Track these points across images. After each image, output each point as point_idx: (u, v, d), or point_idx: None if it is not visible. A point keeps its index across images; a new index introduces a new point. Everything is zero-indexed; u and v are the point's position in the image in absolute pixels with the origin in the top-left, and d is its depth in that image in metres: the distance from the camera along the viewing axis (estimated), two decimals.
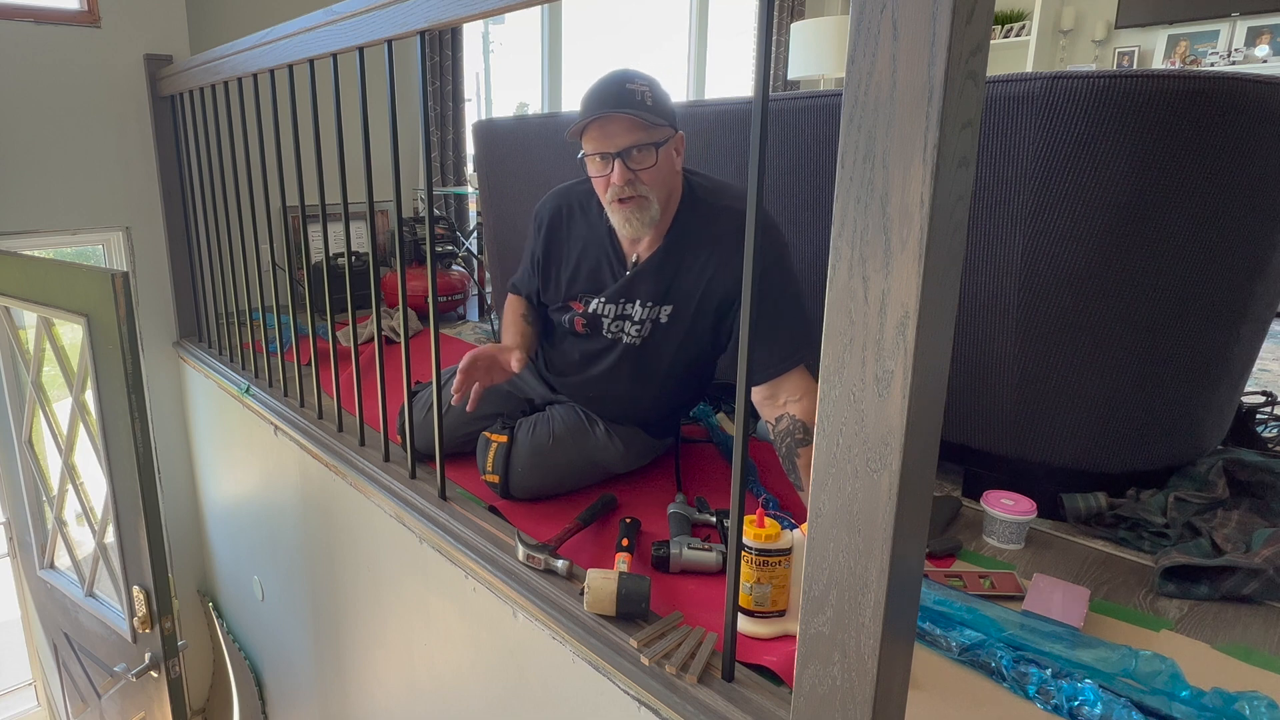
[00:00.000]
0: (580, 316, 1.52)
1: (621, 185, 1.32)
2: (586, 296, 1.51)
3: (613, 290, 1.47)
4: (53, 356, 2.00)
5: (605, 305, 1.49)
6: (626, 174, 1.32)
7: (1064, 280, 1.30)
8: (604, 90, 1.32)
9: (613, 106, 1.29)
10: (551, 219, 1.54)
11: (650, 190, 1.34)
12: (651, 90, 1.33)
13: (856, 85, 0.60)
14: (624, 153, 1.31)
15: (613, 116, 1.30)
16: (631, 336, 1.48)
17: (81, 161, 2.55)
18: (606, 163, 1.33)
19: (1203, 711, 0.92)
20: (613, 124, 1.31)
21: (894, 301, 0.61)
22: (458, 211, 3.95)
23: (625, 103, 1.29)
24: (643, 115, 1.29)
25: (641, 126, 1.30)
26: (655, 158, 1.33)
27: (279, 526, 2.30)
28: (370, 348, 2.43)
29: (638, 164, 1.32)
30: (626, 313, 1.47)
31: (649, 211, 1.36)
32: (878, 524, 0.65)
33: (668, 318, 1.45)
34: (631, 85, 1.31)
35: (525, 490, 1.50)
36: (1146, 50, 4.59)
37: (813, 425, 0.73)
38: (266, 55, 1.71)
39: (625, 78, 1.33)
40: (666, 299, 1.44)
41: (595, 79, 1.36)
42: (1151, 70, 1.18)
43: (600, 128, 1.32)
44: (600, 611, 1.12)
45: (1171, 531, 1.33)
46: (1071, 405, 1.37)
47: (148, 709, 2.05)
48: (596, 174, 1.36)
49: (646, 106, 1.30)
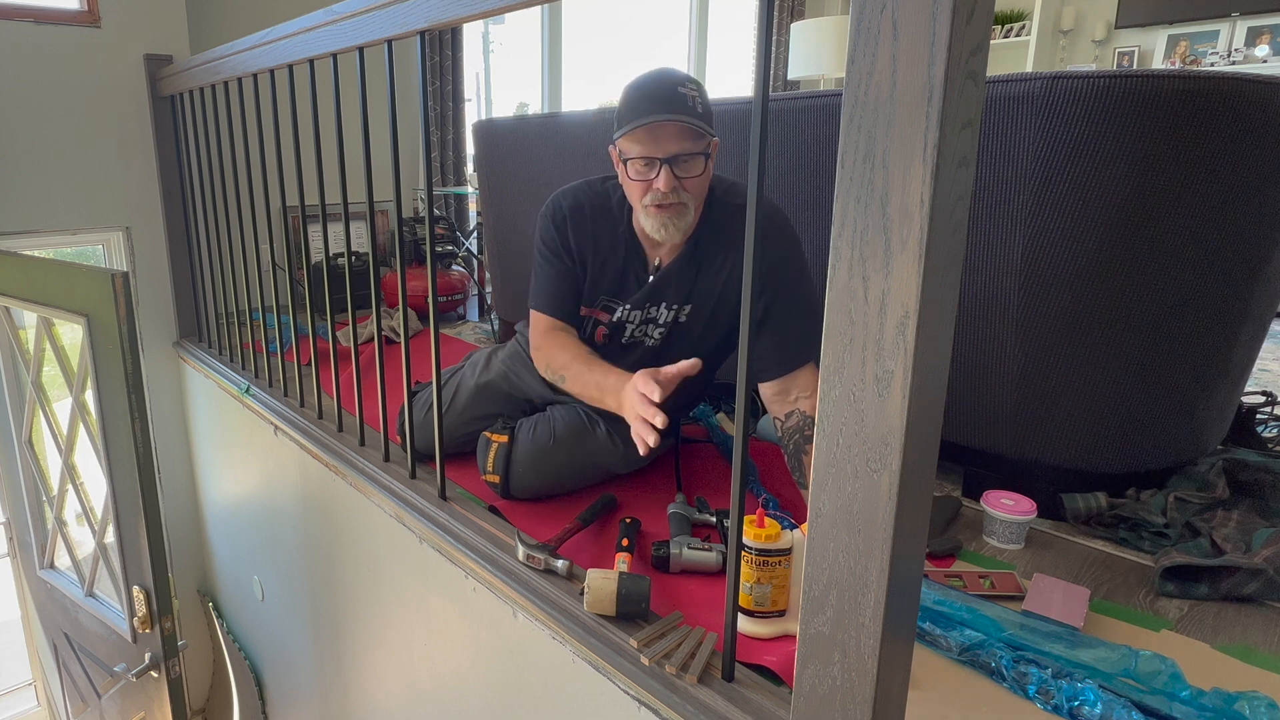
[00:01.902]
0: (604, 326, 1.48)
1: (667, 191, 1.28)
2: (608, 302, 1.47)
3: (638, 297, 1.44)
4: (53, 356, 2.00)
5: (631, 312, 1.46)
6: (672, 181, 1.28)
7: (1064, 280, 1.30)
8: (657, 91, 1.27)
9: (666, 110, 1.25)
10: (573, 214, 1.45)
11: (690, 198, 1.32)
12: (700, 95, 1.29)
13: (856, 85, 0.60)
14: (672, 159, 1.27)
15: (666, 121, 1.25)
16: (654, 340, 1.47)
17: (81, 161, 2.56)
18: (652, 167, 1.28)
19: (1203, 711, 0.92)
20: (664, 129, 1.26)
21: (894, 301, 0.61)
22: (458, 211, 3.95)
23: (679, 107, 1.25)
24: (696, 124, 1.26)
25: (691, 135, 1.27)
26: (703, 167, 1.30)
27: (279, 526, 2.30)
28: (370, 348, 2.43)
29: (685, 172, 1.29)
30: (651, 316, 1.45)
31: (686, 219, 1.33)
32: (878, 524, 0.65)
33: (687, 317, 1.44)
34: (684, 89, 1.27)
35: (525, 490, 1.50)
36: (1146, 50, 4.59)
37: None
38: (266, 55, 1.71)
39: (676, 79, 1.28)
40: (689, 299, 1.43)
41: (641, 77, 1.31)
42: (1151, 70, 1.18)
43: (650, 131, 1.27)
44: (600, 611, 1.12)
45: (1171, 531, 1.33)
46: (1071, 405, 1.37)
47: (148, 709, 2.05)
48: (638, 177, 1.31)
49: (698, 114, 1.27)
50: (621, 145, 1.32)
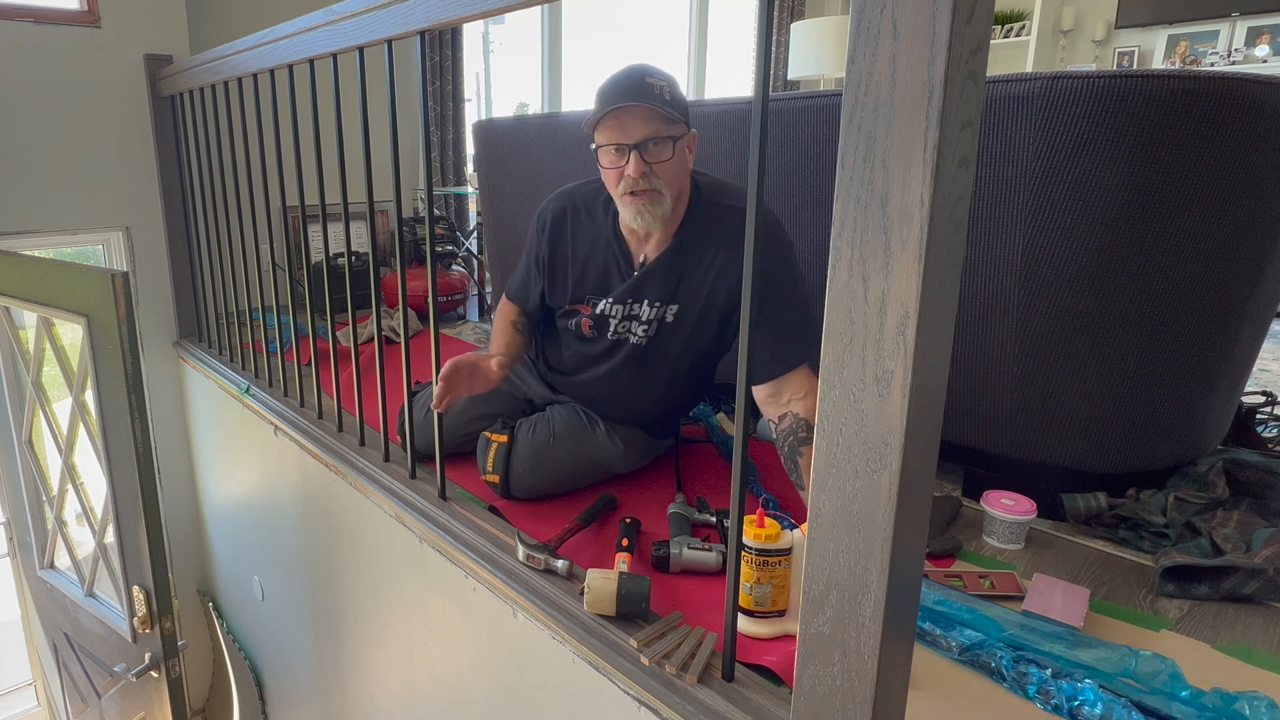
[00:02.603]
0: (587, 319, 1.51)
1: (637, 177, 1.30)
2: (593, 298, 1.49)
3: (621, 291, 1.46)
4: (53, 356, 2.00)
5: (613, 306, 1.47)
6: (642, 166, 1.30)
7: (1064, 280, 1.30)
8: (623, 82, 1.31)
9: (632, 98, 1.28)
10: (555, 220, 1.52)
11: (664, 185, 1.33)
12: (669, 87, 1.32)
13: (856, 85, 0.60)
14: (641, 144, 1.29)
15: (631, 107, 1.29)
16: (638, 337, 1.47)
17: (81, 161, 2.55)
18: (622, 154, 1.31)
19: (1203, 711, 0.92)
20: (630, 115, 1.29)
21: (894, 301, 0.61)
22: (458, 211, 3.95)
23: (644, 95, 1.28)
24: (662, 108, 1.28)
25: (660, 118, 1.29)
26: (671, 151, 1.32)
27: (279, 526, 2.30)
28: (370, 348, 2.43)
29: (654, 157, 1.31)
30: (634, 313, 1.47)
31: (661, 206, 1.34)
32: (878, 524, 0.65)
33: (674, 317, 1.45)
34: (650, 80, 1.30)
35: (525, 490, 1.50)
36: (1146, 50, 4.59)
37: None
38: (266, 55, 1.71)
39: (644, 71, 1.31)
40: (674, 298, 1.44)
41: (612, 73, 1.34)
42: (1151, 70, 1.18)
43: (617, 118, 1.30)
44: (600, 611, 1.12)
45: (1171, 531, 1.33)
46: (1071, 405, 1.37)
47: (148, 709, 2.05)
48: (610, 165, 1.34)
49: (665, 101, 1.30)
50: (595, 138, 1.35)
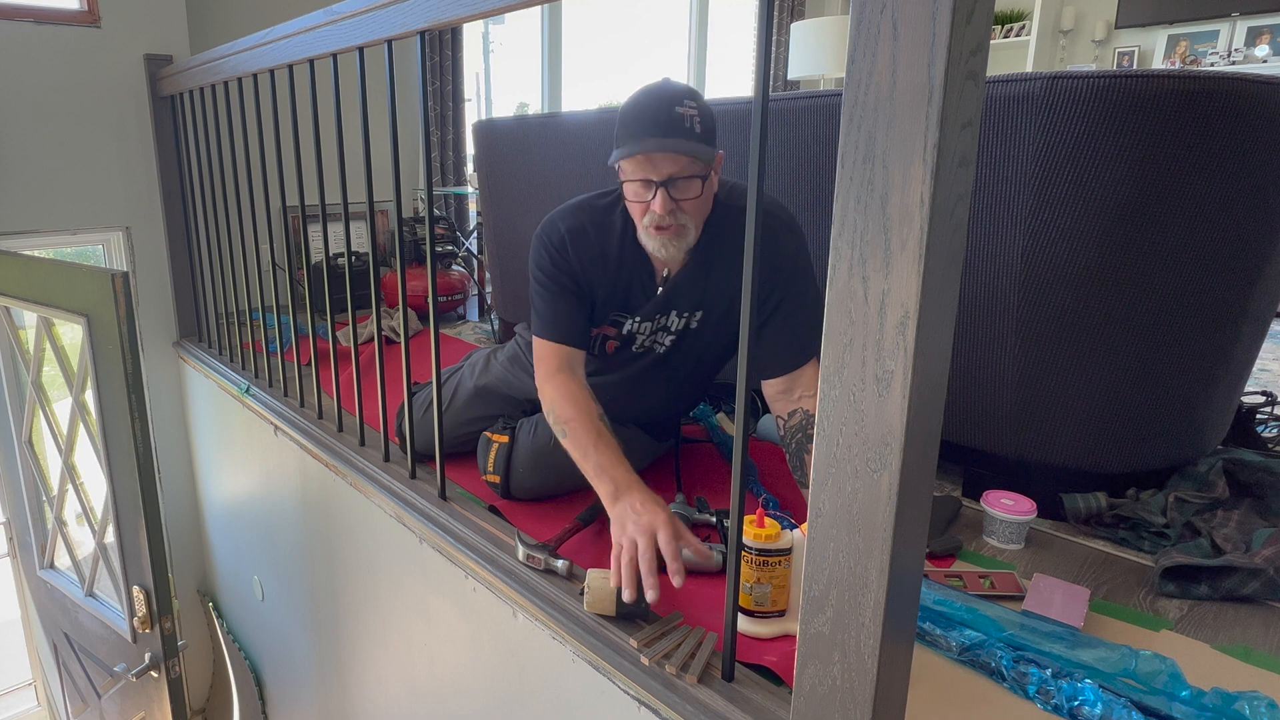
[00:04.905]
0: (614, 340, 1.47)
1: (663, 214, 1.26)
2: (618, 318, 1.45)
3: (649, 308, 1.42)
4: (53, 356, 2.00)
5: (641, 324, 1.44)
6: (669, 204, 1.25)
7: (1064, 280, 1.30)
8: (651, 111, 1.23)
9: (663, 134, 1.21)
10: (574, 242, 1.39)
11: (689, 218, 1.29)
12: (700, 114, 1.24)
13: (856, 85, 0.60)
14: (668, 182, 1.24)
15: (659, 149, 1.21)
16: (665, 346, 1.46)
17: (81, 161, 2.56)
18: (648, 188, 1.25)
19: (1203, 711, 0.92)
20: (659, 152, 1.22)
21: (894, 301, 0.61)
22: (458, 211, 3.95)
23: (675, 130, 1.21)
24: (693, 148, 1.21)
25: (688, 155, 1.23)
26: (700, 190, 1.27)
27: (279, 526, 2.30)
28: (370, 348, 2.43)
29: (681, 194, 1.26)
30: (663, 325, 1.44)
31: (686, 238, 1.31)
32: (878, 524, 0.65)
33: (698, 323, 1.43)
34: (681, 109, 1.22)
35: (526, 490, 1.50)
36: (1146, 50, 4.59)
37: None
38: (266, 55, 1.71)
39: (673, 98, 1.23)
40: (700, 305, 1.42)
41: (640, 92, 1.27)
42: (1151, 70, 1.18)
43: (645, 155, 1.23)
44: (600, 611, 1.12)
45: (1171, 531, 1.33)
46: (1071, 405, 1.37)
47: (148, 709, 2.05)
48: (635, 198, 1.28)
49: (696, 135, 1.23)
50: (620, 165, 1.29)
